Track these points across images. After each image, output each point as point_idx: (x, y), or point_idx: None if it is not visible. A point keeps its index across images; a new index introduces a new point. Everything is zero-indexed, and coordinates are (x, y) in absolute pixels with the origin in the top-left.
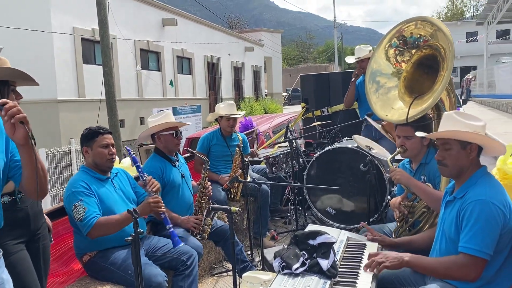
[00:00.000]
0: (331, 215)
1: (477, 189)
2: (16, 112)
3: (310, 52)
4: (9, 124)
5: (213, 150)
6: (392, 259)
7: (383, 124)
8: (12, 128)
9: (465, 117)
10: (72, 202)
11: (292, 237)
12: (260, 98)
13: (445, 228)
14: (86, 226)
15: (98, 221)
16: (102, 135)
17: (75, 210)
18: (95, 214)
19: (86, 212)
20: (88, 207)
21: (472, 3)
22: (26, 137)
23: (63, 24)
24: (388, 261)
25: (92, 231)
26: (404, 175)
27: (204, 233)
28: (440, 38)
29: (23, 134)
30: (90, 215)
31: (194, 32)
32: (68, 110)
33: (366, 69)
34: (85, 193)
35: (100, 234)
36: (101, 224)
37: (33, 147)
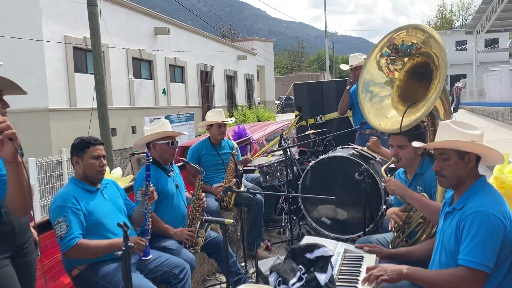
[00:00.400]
0: (326, 225)
1: (477, 200)
2: (5, 128)
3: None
4: None
5: (203, 160)
6: (391, 272)
7: (368, 145)
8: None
9: (462, 126)
10: (56, 217)
11: (289, 250)
12: (253, 106)
13: (445, 240)
14: (65, 246)
15: (79, 243)
16: (94, 146)
17: (57, 226)
18: (77, 234)
19: (68, 230)
20: (70, 225)
21: (460, 13)
22: (14, 154)
23: (55, 33)
24: (387, 274)
25: (70, 252)
26: (398, 186)
27: (197, 246)
28: (433, 45)
29: (11, 150)
30: (71, 235)
31: (186, 41)
32: (59, 119)
33: (359, 79)
34: (71, 209)
35: (77, 256)
36: (81, 247)
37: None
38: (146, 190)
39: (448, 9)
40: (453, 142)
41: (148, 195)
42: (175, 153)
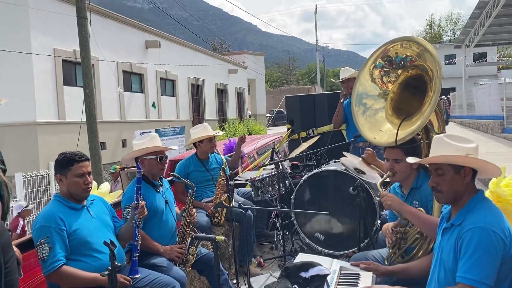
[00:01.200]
0: (320, 241)
1: (476, 215)
2: None
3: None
4: None
5: (192, 176)
6: None
7: (363, 157)
8: None
9: (456, 139)
10: (39, 238)
11: (283, 269)
12: (244, 119)
13: (443, 256)
14: (47, 269)
15: (62, 269)
16: (78, 163)
17: (40, 247)
18: (60, 257)
19: (51, 252)
20: (53, 247)
21: (449, 27)
22: None
23: (44, 45)
24: None
25: (51, 276)
26: (395, 201)
27: (187, 263)
28: (427, 58)
29: None
30: (53, 259)
31: (177, 54)
32: (47, 132)
33: (352, 91)
34: (55, 230)
35: (58, 282)
36: (64, 274)
37: None
38: (137, 204)
39: (437, 24)
40: (448, 157)
41: (139, 210)
42: (164, 168)
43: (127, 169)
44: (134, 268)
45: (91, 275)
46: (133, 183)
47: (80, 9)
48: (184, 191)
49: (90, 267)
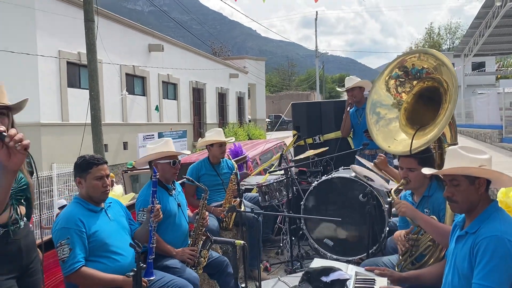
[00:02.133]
0: (329, 247)
1: (491, 224)
2: (22, 138)
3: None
4: (5, 150)
5: (203, 180)
6: None
7: (375, 162)
8: (8, 154)
9: (470, 151)
10: (59, 239)
11: (304, 273)
12: (243, 124)
13: (457, 263)
14: (67, 270)
15: (82, 270)
16: (97, 166)
17: (60, 248)
18: (80, 259)
19: (71, 254)
20: (74, 248)
21: (448, 36)
22: (21, 164)
23: (49, 47)
24: None
25: (71, 277)
26: (409, 208)
27: (199, 266)
28: (444, 72)
29: (21, 160)
30: (74, 260)
31: (180, 58)
32: (51, 134)
33: (367, 99)
34: (75, 232)
35: (77, 283)
36: (83, 275)
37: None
38: (152, 207)
39: (436, 32)
40: (463, 168)
41: (154, 213)
42: (177, 173)
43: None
44: (149, 271)
45: (109, 276)
46: (147, 186)
47: (87, 12)
48: (194, 194)
49: (108, 268)
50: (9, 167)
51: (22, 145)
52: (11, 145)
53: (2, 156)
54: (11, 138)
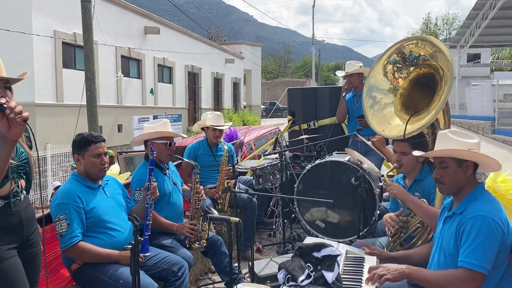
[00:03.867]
0: (320, 229)
1: (477, 205)
2: (22, 111)
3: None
4: (6, 122)
5: (199, 160)
6: (393, 271)
7: (373, 140)
8: (8, 125)
9: (459, 135)
10: (57, 214)
11: (296, 249)
12: (239, 110)
13: (444, 243)
14: (65, 245)
15: (79, 245)
16: (95, 144)
17: (58, 223)
18: (78, 234)
19: (68, 229)
20: (71, 223)
21: (445, 27)
22: (20, 135)
23: (44, 27)
24: (390, 273)
25: (68, 251)
26: (401, 190)
27: (202, 240)
28: (440, 59)
29: (20, 131)
30: (71, 234)
31: (175, 42)
32: (45, 114)
33: (365, 82)
34: (73, 207)
35: (75, 257)
36: (81, 249)
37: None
38: (149, 185)
39: (433, 23)
40: (452, 150)
41: (151, 190)
42: (171, 154)
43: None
44: (145, 247)
45: (105, 251)
46: (141, 166)
47: None
48: (190, 173)
49: (105, 244)
50: (8, 138)
51: (22, 117)
52: (11, 117)
53: (3, 127)
54: (12, 110)
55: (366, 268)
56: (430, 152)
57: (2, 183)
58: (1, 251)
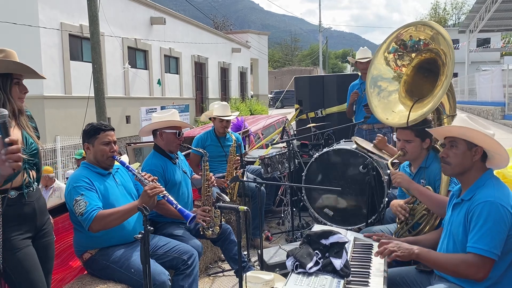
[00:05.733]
0: (329, 216)
1: (485, 191)
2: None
3: (294, 55)
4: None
5: (207, 150)
6: (404, 249)
7: (375, 143)
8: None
9: (478, 123)
10: (74, 197)
11: (304, 236)
12: (246, 99)
13: (453, 229)
14: (87, 220)
15: (98, 214)
16: (104, 132)
17: (76, 204)
18: (96, 208)
19: (87, 206)
20: (89, 201)
21: (454, 11)
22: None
23: (51, 19)
24: (400, 251)
25: (93, 225)
26: (405, 178)
27: (215, 226)
28: (441, 42)
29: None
30: (91, 209)
31: (182, 32)
32: (54, 106)
33: (367, 75)
34: (86, 188)
35: (101, 227)
36: (102, 217)
37: None
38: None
39: (442, 8)
40: (467, 129)
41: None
42: (180, 144)
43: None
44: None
45: (125, 206)
46: (150, 156)
47: None
48: (199, 163)
49: (114, 231)
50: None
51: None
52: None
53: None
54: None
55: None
56: (445, 127)
57: (15, 174)
58: (16, 240)
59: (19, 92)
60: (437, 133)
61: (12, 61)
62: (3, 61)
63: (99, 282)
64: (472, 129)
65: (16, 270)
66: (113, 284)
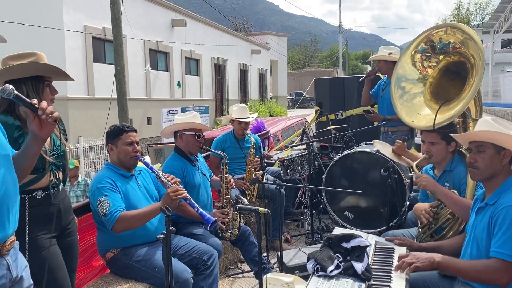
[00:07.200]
0: (349, 219)
1: (510, 195)
2: (52, 111)
3: (314, 56)
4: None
5: (226, 152)
6: (423, 259)
7: (394, 149)
8: (39, 125)
9: (503, 125)
10: (97, 197)
11: (325, 239)
12: (265, 101)
13: (477, 234)
14: (111, 221)
15: (122, 214)
16: (127, 133)
17: (100, 205)
18: (119, 208)
19: (111, 207)
20: (112, 201)
21: (478, 12)
22: (50, 133)
23: (75, 22)
24: (420, 261)
25: (116, 225)
26: (430, 182)
27: (234, 228)
28: (471, 46)
29: (50, 130)
30: (115, 210)
31: (202, 34)
32: (77, 108)
33: (393, 73)
34: (110, 189)
35: (124, 228)
36: (125, 218)
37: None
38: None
39: (465, 8)
40: (494, 133)
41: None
42: (200, 146)
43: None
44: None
45: (148, 208)
46: (171, 158)
47: None
48: (218, 165)
49: (136, 232)
50: (39, 136)
51: (52, 117)
52: (43, 117)
53: (35, 127)
54: (43, 110)
55: (395, 259)
56: (472, 132)
57: (41, 174)
58: (42, 239)
59: (50, 94)
60: (462, 138)
61: (44, 64)
62: (35, 64)
63: (122, 281)
64: (500, 132)
65: (41, 268)
66: (136, 283)
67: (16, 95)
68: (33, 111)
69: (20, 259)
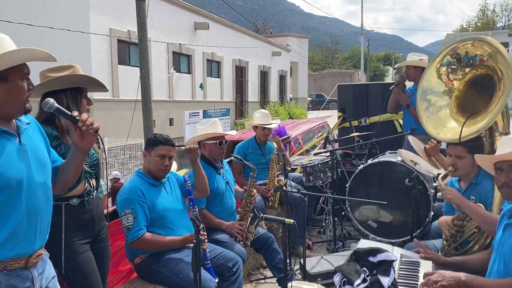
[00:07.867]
0: (372, 228)
1: None
2: (93, 122)
3: (335, 57)
4: (79, 133)
5: (249, 158)
6: (449, 278)
7: (426, 147)
8: (81, 136)
9: None
10: (123, 209)
11: (352, 253)
12: (285, 102)
13: (504, 251)
14: (131, 237)
15: (144, 236)
16: (163, 145)
17: (125, 217)
18: (142, 227)
19: (135, 222)
20: (137, 217)
21: (504, 13)
22: (92, 144)
23: (101, 25)
24: (445, 280)
25: (135, 243)
26: (456, 195)
27: (247, 241)
28: (499, 60)
29: (92, 141)
30: (137, 227)
31: (224, 36)
32: (102, 109)
33: (418, 86)
34: (138, 202)
35: (141, 247)
36: (146, 241)
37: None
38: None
39: (491, 9)
40: None
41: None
42: (223, 152)
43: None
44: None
45: (169, 239)
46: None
47: None
48: (241, 171)
49: None
50: (81, 147)
51: (93, 128)
52: (83, 129)
53: (76, 138)
54: (83, 122)
55: (421, 273)
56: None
57: (77, 183)
58: (77, 245)
59: (86, 105)
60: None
61: (82, 75)
62: (74, 76)
63: (149, 285)
64: None
65: (76, 273)
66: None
67: (57, 108)
68: (74, 123)
69: (48, 270)
